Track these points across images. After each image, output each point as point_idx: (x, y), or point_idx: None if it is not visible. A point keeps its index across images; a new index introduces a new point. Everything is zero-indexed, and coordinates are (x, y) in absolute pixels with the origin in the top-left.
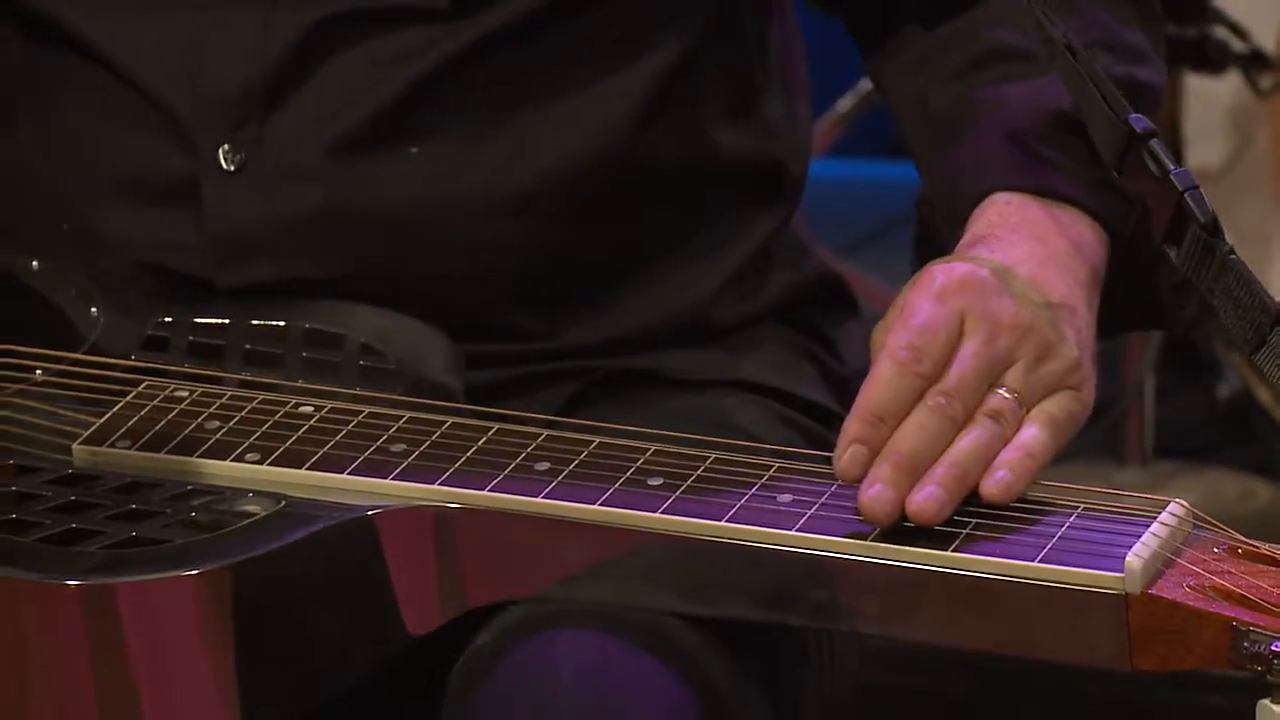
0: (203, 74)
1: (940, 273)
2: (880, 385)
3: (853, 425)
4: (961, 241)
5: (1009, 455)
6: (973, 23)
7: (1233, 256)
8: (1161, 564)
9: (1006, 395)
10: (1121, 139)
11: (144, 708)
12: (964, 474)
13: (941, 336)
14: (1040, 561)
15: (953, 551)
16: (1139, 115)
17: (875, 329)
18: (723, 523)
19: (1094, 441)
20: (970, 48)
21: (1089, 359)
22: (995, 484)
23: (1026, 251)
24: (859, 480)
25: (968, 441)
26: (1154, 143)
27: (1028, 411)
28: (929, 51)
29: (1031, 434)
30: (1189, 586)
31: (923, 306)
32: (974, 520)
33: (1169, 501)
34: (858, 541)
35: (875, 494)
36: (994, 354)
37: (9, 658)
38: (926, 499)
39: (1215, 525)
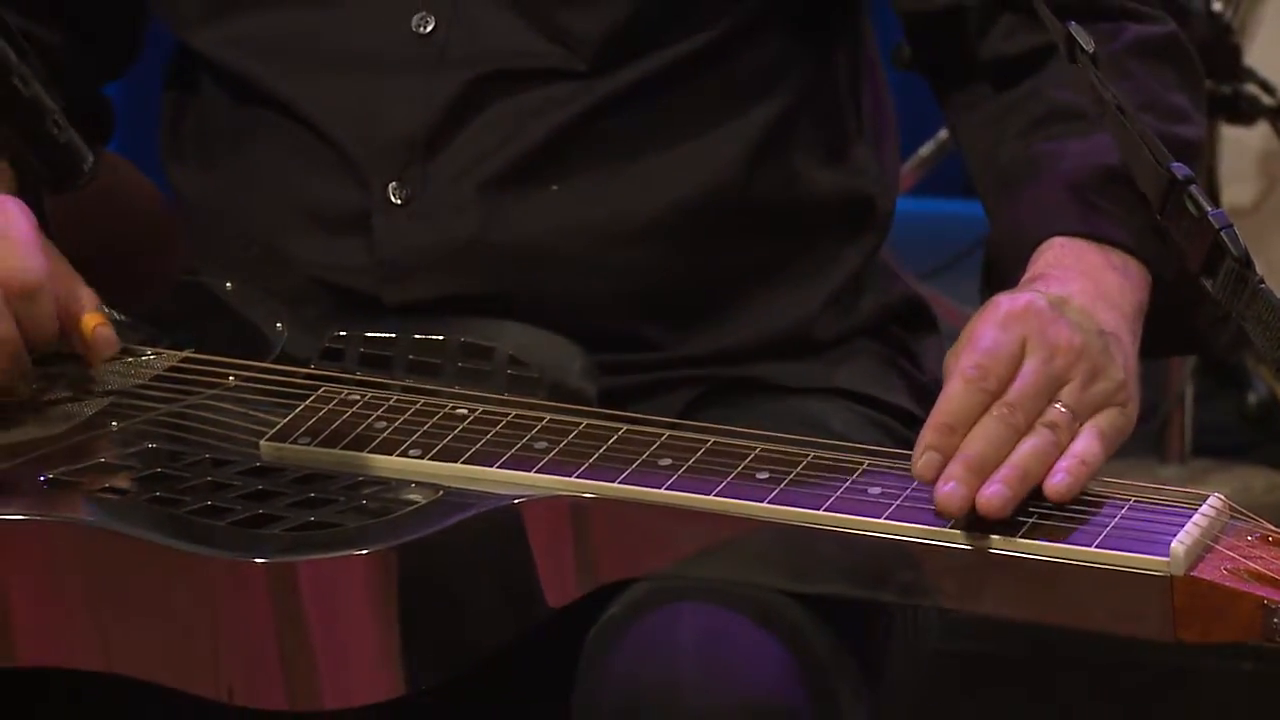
0: (376, 123)
1: (1005, 301)
2: (952, 399)
3: (928, 434)
4: (1024, 278)
5: (1067, 462)
6: (1038, 85)
7: (1262, 286)
8: (1202, 550)
9: (1062, 409)
10: (1164, 185)
11: (320, 670)
12: (1025, 474)
13: (1005, 357)
14: (1097, 547)
15: (1021, 538)
16: (1179, 164)
17: (948, 354)
18: (821, 511)
19: (1141, 441)
20: (1034, 108)
21: (1134, 381)
22: (1055, 485)
23: (1079, 287)
24: (933, 480)
25: (1028, 447)
26: (1193, 188)
27: (1080, 425)
28: (999, 111)
29: (1085, 444)
30: (1226, 570)
31: (988, 332)
32: (1039, 512)
33: (1209, 495)
34: (938, 529)
35: (949, 491)
36: (1051, 373)
37: (204, 626)
38: (994, 495)
39: (1249, 516)
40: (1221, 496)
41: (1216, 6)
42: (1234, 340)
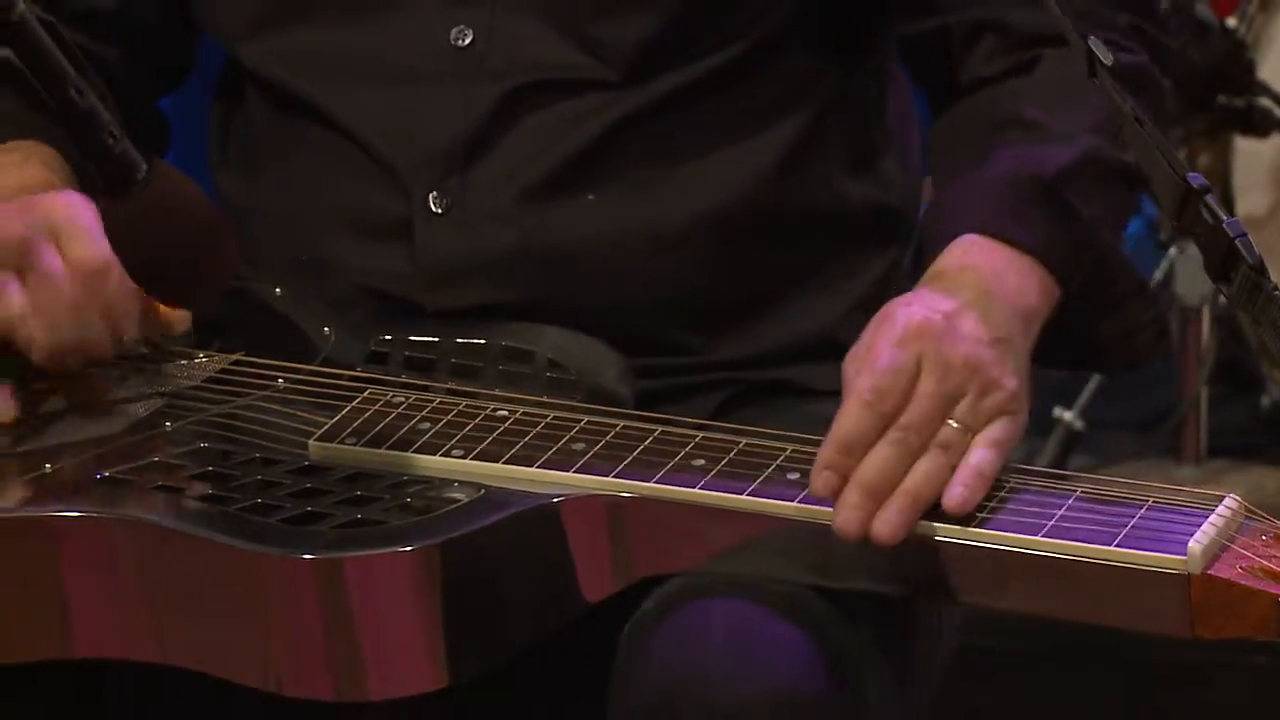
0: (415, 134)
1: (901, 316)
2: (849, 421)
3: (826, 453)
4: (930, 270)
5: (963, 474)
6: (1002, 94)
7: (1276, 292)
8: (1218, 549)
9: (955, 426)
10: (1181, 193)
11: (366, 662)
12: (917, 499)
13: (901, 379)
14: (1117, 546)
15: (1041, 537)
16: (1195, 174)
17: (847, 359)
18: None
19: (1158, 443)
20: (993, 115)
21: (1024, 386)
22: (954, 499)
23: (975, 291)
24: (829, 498)
25: (921, 471)
26: (1209, 197)
27: (973, 436)
28: (962, 115)
29: (980, 456)
30: (1241, 568)
31: (885, 351)
32: (1060, 511)
33: (1224, 496)
34: (962, 527)
35: (845, 517)
36: (945, 391)
37: (254, 619)
38: (885, 524)
39: (1263, 516)
40: (1236, 497)
41: (1231, 23)
42: (1134, 356)
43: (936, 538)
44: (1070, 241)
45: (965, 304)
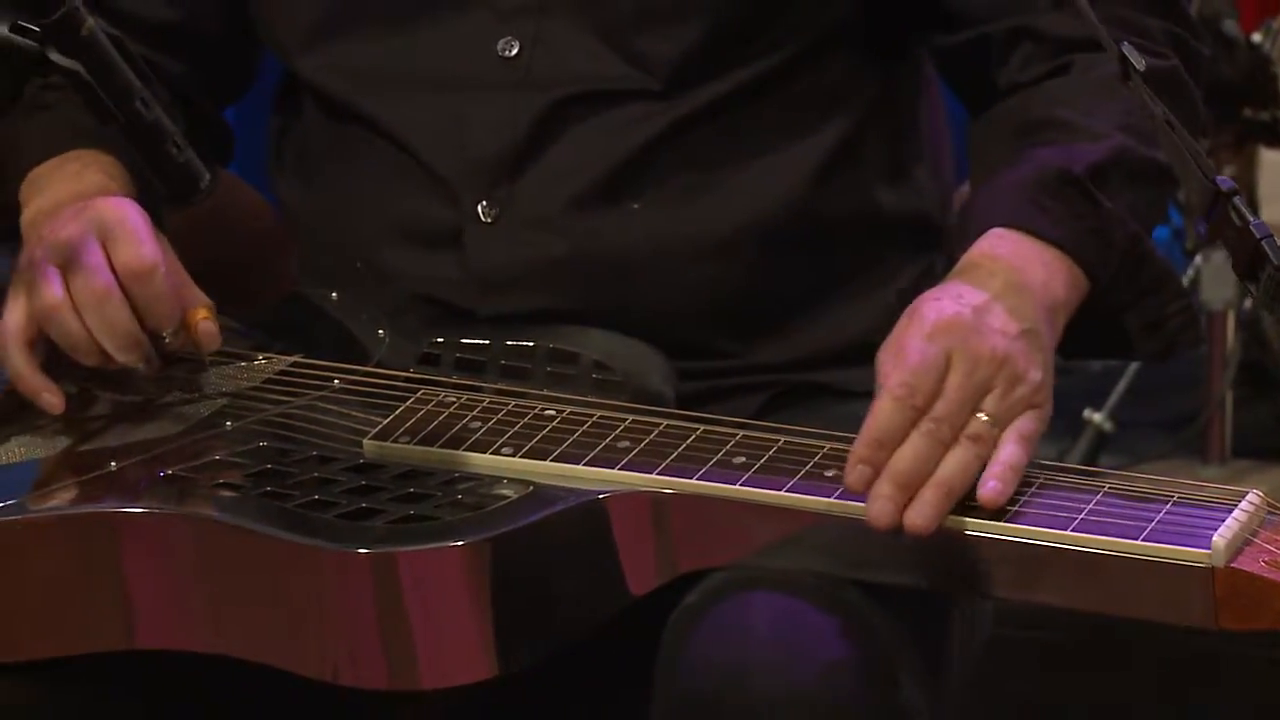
0: (464, 143)
1: (931, 311)
2: (881, 417)
3: (860, 448)
4: (959, 264)
5: (996, 469)
6: (1035, 97)
7: None
8: (1242, 543)
9: (984, 419)
10: (1210, 196)
11: (419, 652)
12: (950, 490)
13: (931, 373)
14: (1143, 540)
15: (1071, 531)
16: (1224, 177)
17: (879, 353)
18: None
19: (1184, 444)
20: (1026, 116)
21: (1050, 377)
22: (989, 493)
23: (1002, 283)
24: (863, 491)
25: (953, 462)
26: (1237, 199)
27: (1001, 431)
28: (997, 117)
29: (1009, 450)
30: (1264, 561)
31: (916, 346)
32: (1088, 506)
33: (1247, 492)
34: (993, 522)
35: (879, 508)
36: (975, 384)
37: (311, 611)
38: (918, 514)
39: None
40: (1259, 493)
41: (1256, 39)
42: (1165, 346)
43: (969, 532)
44: (1096, 233)
45: (993, 297)
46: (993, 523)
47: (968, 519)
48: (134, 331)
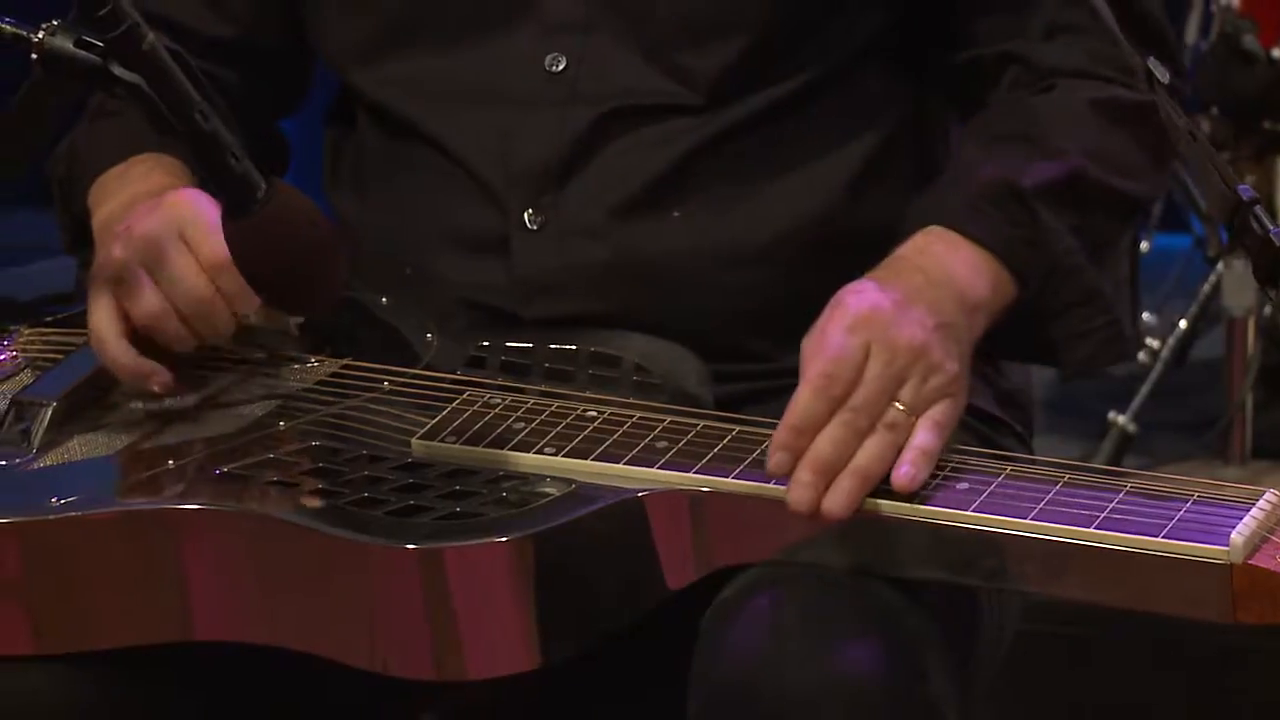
0: (512, 155)
1: (853, 303)
2: (801, 405)
3: (780, 434)
4: (894, 253)
5: (910, 454)
6: (1023, 107)
7: None
8: (1259, 540)
9: (900, 408)
10: (1232, 204)
11: (465, 644)
12: (866, 476)
13: (850, 363)
14: (1164, 537)
15: (1095, 529)
16: (1245, 186)
17: (804, 341)
18: (914, 505)
19: (1206, 445)
20: (998, 127)
21: (965, 370)
22: (902, 477)
23: (925, 279)
24: (784, 477)
25: (869, 449)
26: (1258, 208)
27: (917, 418)
28: (981, 119)
29: (924, 436)
30: None
31: (836, 338)
32: (1111, 504)
33: (1266, 491)
34: (1020, 520)
35: (798, 494)
36: (892, 374)
37: (362, 605)
38: (834, 500)
39: None
40: (1277, 493)
41: (1276, 54)
42: (1087, 357)
43: (997, 530)
44: (1029, 244)
45: (914, 291)
46: (1019, 520)
47: (995, 517)
48: (233, 326)
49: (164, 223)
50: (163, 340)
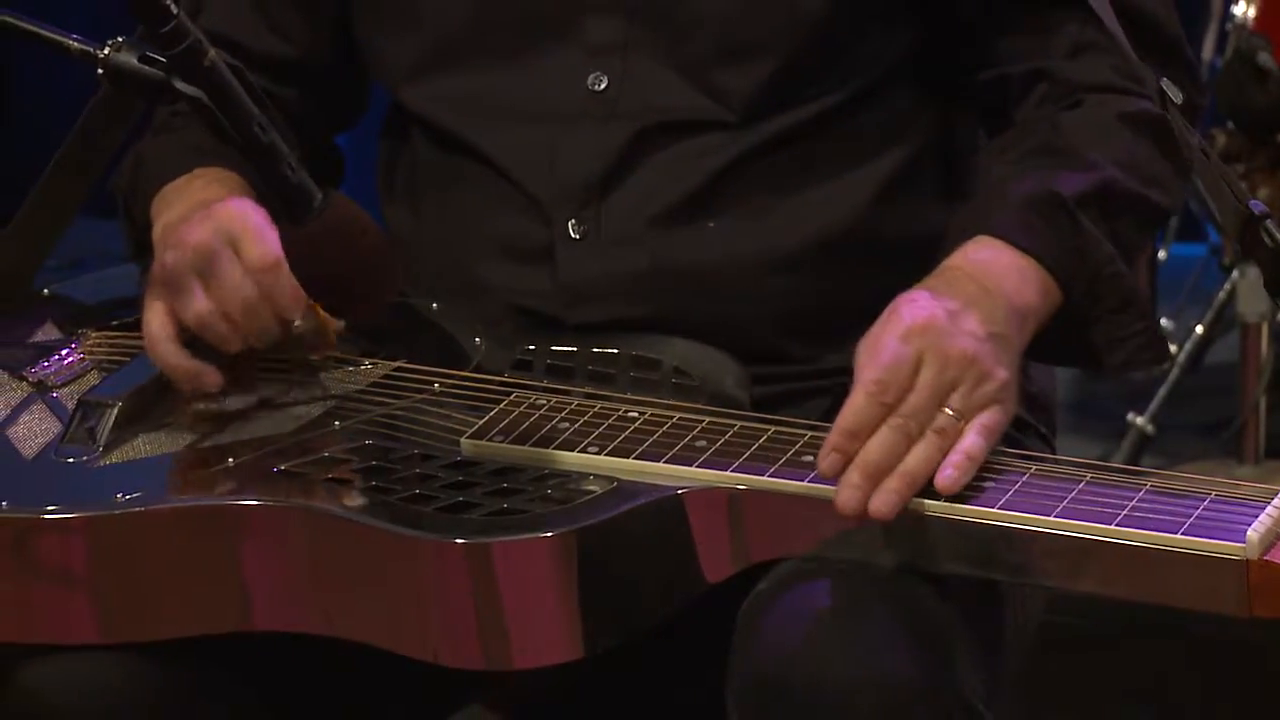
0: (556, 169)
1: (907, 313)
2: (854, 410)
3: (833, 438)
4: (943, 264)
5: (955, 458)
6: (1051, 122)
7: None
8: (1274, 537)
9: (950, 413)
10: (1244, 218)
11: (511, 635)
12: (913, 480)
13: (904, 372)
14: (1182, 534)
15: (1115, 526)
16: (1256, 201)
17: (858, 347)
18: (942, 502)
19: (1221, 445)
20: (1032, 141)
21: (1014, 378)
22: (945, 480)
23: (977, 288)
24: (833, 477)
25: (918, 453)
26: (1268, 222)
27: (966, 424)
28: (1006, 140)
29: (971, 441)
30: None
31: (891, 345)
32: (1131, 501)
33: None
34: (1042, 516)
35: (846, 496)
36: (942, 383)
37: (413, 597)
38: (881, 502)
39: None
40: None
41: None
42: (1124, 361)
43: (1021, 527)
44: (1074, 252)
45: (967, 300)
46: (1043, 518)
47: (1019, 514)
48: (278, 330)
49: (214, 231)
50: (212, 341)
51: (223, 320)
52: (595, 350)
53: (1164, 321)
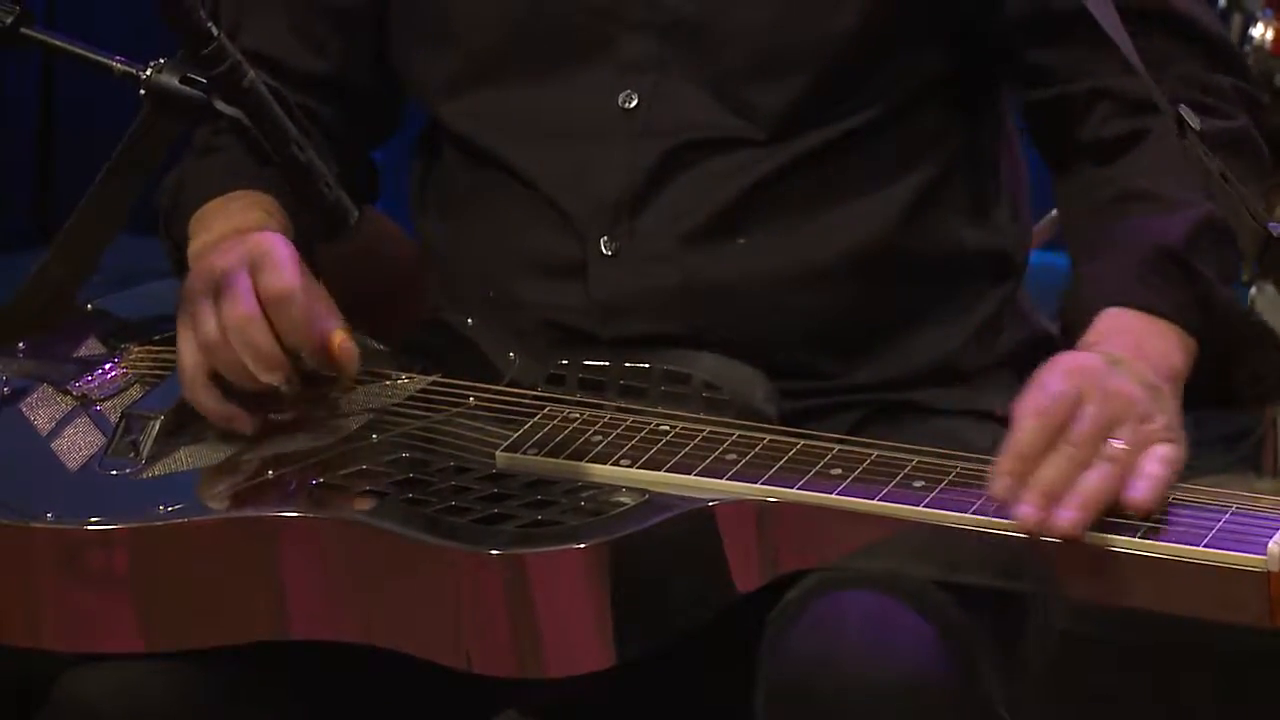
0: (588, 186)
1: (1066, 358)
2: (1025, 434)
3: (1005, 462)
4: (1082, 342)
5: (1143, 481)
6: (1121, 169)
7: None
8: None
9: (1120, 445)
10: (1262, 240)
11: (545, 643)
12: (1093, 500)
13: (1066, 404)
14: (1204, 546)
15: (1139, 538)
16: (1275, 223)
17: (1019, 401)
18: (968, 514)
19: (1240, 458)
20: (1113, 190)
21: (1179, 427)
22: (1136, 496)
23: (1127, 354)
24: (1006, 501)
25: (1094, 476)
26: None
27: (1138, 456)
28: (1086, 187)
29: (1153, 465)
30: None
31: (1054, 381)
32: (1155, 516)
33: None
34: None
35: (1026, 513)
36: (1107, 415)
37: (448, 606)
38: (1070, 521)
39: None
40: None
41: None
42: (1264, 394)
43: (1046, 539)
44: (1197, 301)
45: (1116, 359)
46: None
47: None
48: (275, 352)
49: (238, 258)
50: (222, 370)
51: (226, 345)
52: (627, 365)
53: None
